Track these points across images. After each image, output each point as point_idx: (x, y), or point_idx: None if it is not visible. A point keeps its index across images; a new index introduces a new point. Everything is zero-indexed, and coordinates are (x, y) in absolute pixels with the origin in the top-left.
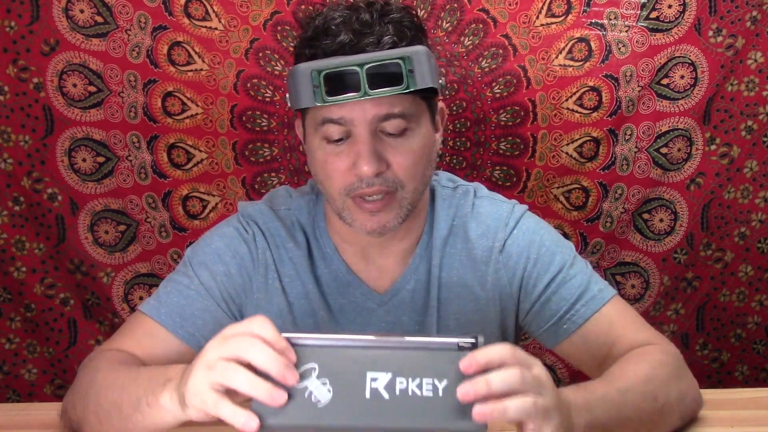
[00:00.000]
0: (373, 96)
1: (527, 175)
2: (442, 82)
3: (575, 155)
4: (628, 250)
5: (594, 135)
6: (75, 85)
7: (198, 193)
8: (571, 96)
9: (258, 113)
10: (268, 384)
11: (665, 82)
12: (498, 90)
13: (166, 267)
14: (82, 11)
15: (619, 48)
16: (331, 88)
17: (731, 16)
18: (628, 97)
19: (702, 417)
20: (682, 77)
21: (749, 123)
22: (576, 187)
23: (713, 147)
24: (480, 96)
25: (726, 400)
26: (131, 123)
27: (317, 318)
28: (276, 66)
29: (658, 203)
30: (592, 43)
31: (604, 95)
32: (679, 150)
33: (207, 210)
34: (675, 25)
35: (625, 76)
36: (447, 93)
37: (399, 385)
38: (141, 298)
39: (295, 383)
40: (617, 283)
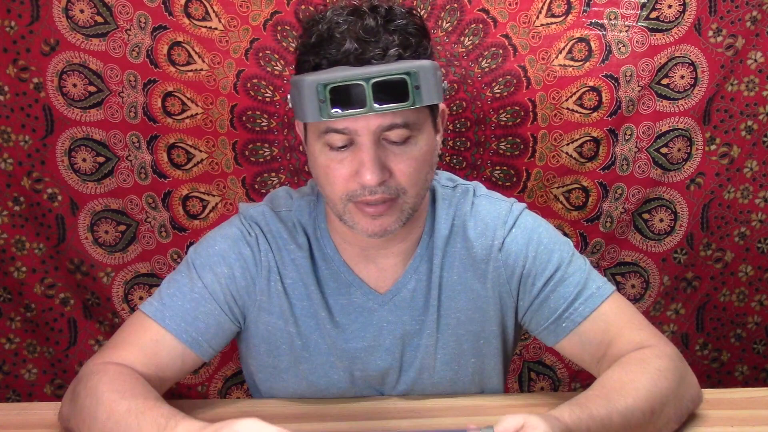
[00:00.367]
0: (378, 112)
1: (527, 175)
2: (445, 85)
3: (575, 155)
4: (628, 250)
5: (594, 135)
6: (75, 85)
7: (198, 193)
8: (571, 96)
9: (258, 113)
10: None
11: (665, 82)
12: (498, 90)
13: (166, 267)
14: (82, 11)
15: (619, 48)
16: (337, 101)
17: (731, 16)
18: (628, 97)
19: (702, 417)
20: (682, 77)
21: (749, 123)
22: (576, 187)
23: (713, 147)
24: (480, 96)
25: (726, 399)
26: (131, 123)
27: (319, 319)
28: (276, 66)
29: (658, 203)
30: (592, 43)
31: (604, 95)
32: (679, 150)
33: (207, 210)
34: (675, 25)
35: (625, 76)
36: (447, 93)
37: None
38: (141, 298)
39: None
40: (617, 284)
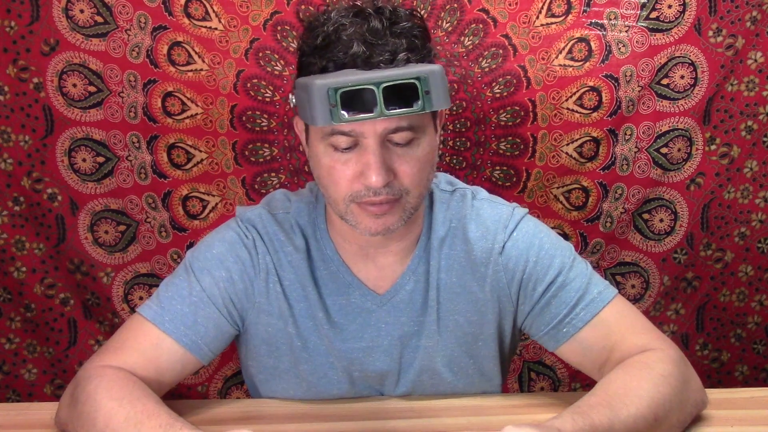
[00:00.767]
0: (390, 116)
1: (527, 175)
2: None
3: (575, 155)
4: (628, 250)
5: (594, 135)
6: (75, 85)
7: (198, 193)
8: (571, 96)
9: (258, 113)
10: None
11: (665, 82)
12: (498, 90)
13: (166, 267)
14: (82, 11)
15: (619, 48)
16: (347, 105)
17: (731, 16)
18: (628, 97)
19: (702, 416)
20: (682, 77)
21: (749, 123)
22: (576, 187)
23: (713, 147)
24: (480, 96)
25: (726, 399)
26: (131, 123)
27: (317, 320)
28: (276, 66)
29: (658, 203)
30: (592, 43)
31: (604, 95)
32: (679, 150)
33: (207, 210)
34: (675, 25)
35: (625, 76)
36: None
37: None
38: (141, 298)
39: None
40: (617, 284)
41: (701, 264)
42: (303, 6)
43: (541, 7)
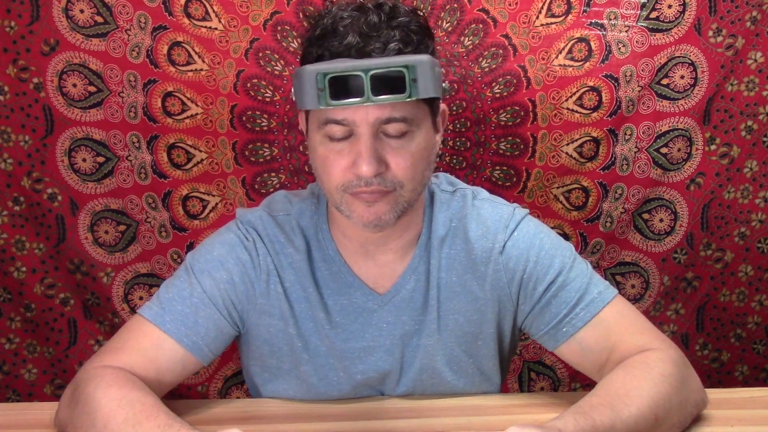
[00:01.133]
0: (376, 102)
1: (527, 175)
2: (446, 86)
3: (575, 155)
4: (628, 250)
5: (594, 135)
6: (75, 85)
7: (198, 193)
8: (571, 96)
9: (258, 113)
10: None
11: (665, 82)
12: (498, 90)
13: (166, 267)
14: (82, 11)
15: (619, 48)
16: (336, 91)
17: (731, 16)
18: (628, 97)
19: (702, 416)
20: (682, 77)
21: (749, 123)
22: (576, 187)
23: (713, 147)
24: (480, 96)
25: (726, 399)
26: (131, 123)
27: (317, 320)
28: (276, 66)
29: (658, 203)
30: (592, 43)
31: (604, 95)
32: (679, 150)
33: (207, 210)
34: (675, 25)
35: (625, 76)
36: (447, 93)
37: None
38: (141, 298)
39: None
40: (617, 284)
41: (701, 264)
42: (303, 6)
43: (541, 7)
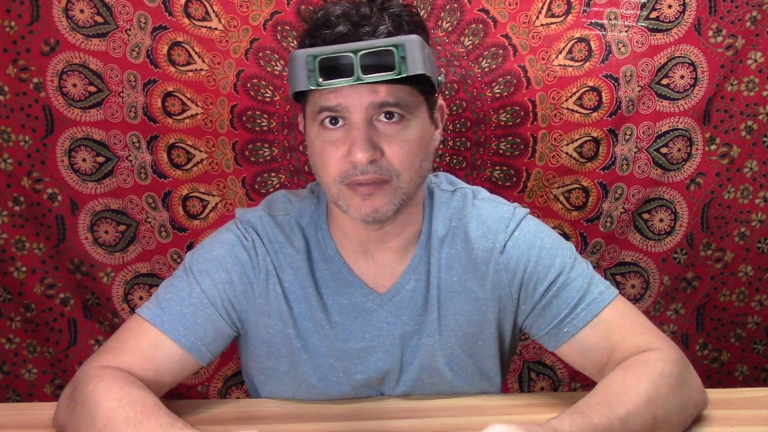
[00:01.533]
0: (366, 81)
1: (527, 175)
2: (441, 78)
3: (575, 155)
4: (628, 250)
5: (594, 135)
6: (75, 85)
7: (198, 193)
8: (571, 96)
9: (258, 113)
10: None
11: (665, 82)
12: (498, 90)
13: (166, 267)
14: (82, 11)
15: (619, 48)
16: (326, 73)
17: (731, 16)
18: (628, 97)
19: (702, 416)
20: (682, 77)
21: (749, 123)
22: (576, 187)
23: (713, 147)
24: (480, 96)
25: (726, 400)
26: (131, 123)
27: (317, 320)
28: (276, 66)
29: (658, 203)
30: (592, 43)
31: (604, 95)
32: (679, 150)
33: (207, 210)
34: (675, 25)
35: (625, 76)
36: (447, 93)
37: None
38: (141, 298)
39: None
40: (617, 284)
41: (701, 264)
42: (303, 6)
43: (541, 7)
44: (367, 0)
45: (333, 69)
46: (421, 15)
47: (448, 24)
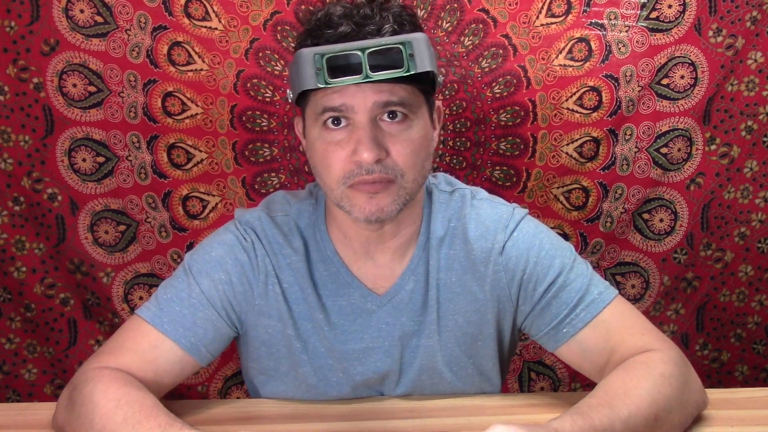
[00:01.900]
0: (375, 78)
1: (527, 175)
2: (440, 79)
3: (575, 155)
4: (628, 250)
5: (594, 135)
6: (75, 85)
7: (198, 193)
8: (571, 96)
9: (258, 113)
10: None
11: (665, 82)
12: (498, 90)
13: (166, 267)
14: (82, 11)
15: (619, 48)
16: (333, 72)
17: (731, 16)
18: (628, 97)
19: (702, 416)
20: (682, 77)
21: (749, 123)
22: (576, 187)
23: (713, 147)
24: (480, 96)
25: (726, 399)
26: (131, 123)
27: (316, 321)
28: (276, 66)
29: (658, 203)
30: (592, 43)
31: (604, 95)
32: (679, 150)
33: (207, 210)
34: (675, 25)
35: (625, 76)
36: (447, 93)
37: None
38: (141, 298)
39: None
40: (617, 284)
41: (701, 264)
42: (303, 6)
43: (541, 7)
44: (367, 1)
45: (340, 68)
46: (419, 15)
47: (448, 24)
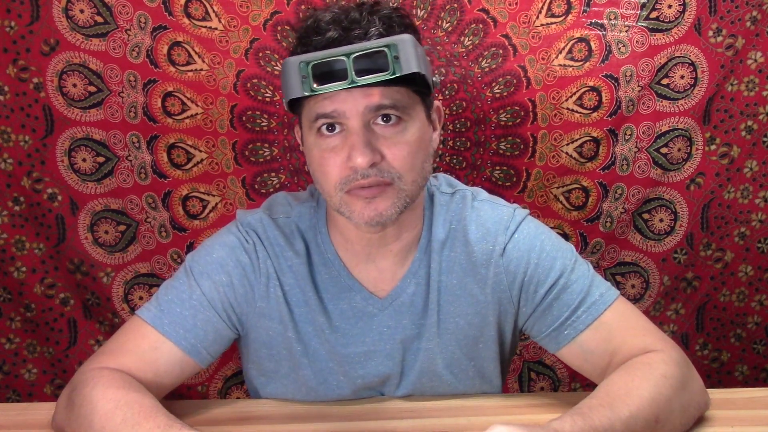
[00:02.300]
0: (360, 83)
1: (527, 175)
2: (436, 79)
3: (575, 155)
4: (628, 250)
5: (594, 135)
6: (75, 85)
7: (198, 193)
8: (571, 96)
9: (258, 113)
10: None
11: (665, 82)
12: (498, 90)
13: (166, 267)
14: (82, 11)
15: (619, 48)
16: (320, 79)
17: (731, 16)
18: (628, 97)
19: (703, 417)
20: (682, 77)
21: (749, 123)
22: (576, 187)
23: (713, 147)
24: (480, 96)
25: (726, 400)
26: (131, 123)
27: (317, 324)
28: (276, 66)
29: (658, 203)
30: (592, 43)
31: (604, 95)
32: (679, 150)
33: (207, 210)
34: (675, 25)
35: (625, 76)
36: (447, 93)
37: None
38: (141, 298)
39: None
40: (617, 284)
41: (701, 264)
42: (303, 6)
43: (541, 7)
44: (357, 6)
45: (327, 74)
46: (412, 16)
47: (448, 24)
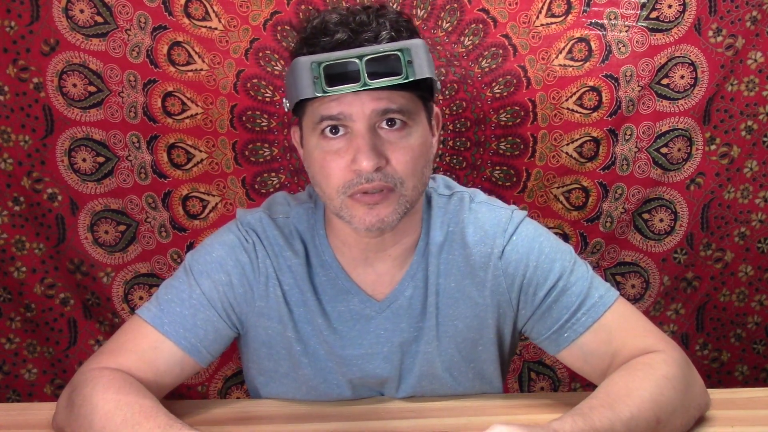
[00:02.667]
0: (373, 86)
1: (527, 175)
2: (438, 85)
3: (575, 155)
4: (628, 250)
5: (594, 135)
6: (75, 85)
7: (198, 193)
8: (571, 96)
9: (258, 113)
10: None
11: (665, 82)
12: (498, 90)
13: (166, 267)
14: (82, 11)
15: (619, 48)
16: (331, 81)
17: (731, 16)
18: (628, 97)
19: (703, 417)
20: (682, 77)
21: (749, 123)
22: (576, 187)
23: (713, 147)
24: (480, 96)
25: (727, 400)
26: (131, 123)
27: (316, 325)
28: (276, 66)
29: (658, 203)
30: (592, 43)
31: (604, 95)
32: (679, 150)
33: (207, 210)
34: (675, 25)
35: (625, 76)
36: (447, 93)
37: None
38: (141, 298)
39: None
40: (617, 284)
41: (701, 264)
42: (303, 6)
43: (541, 7)
44: (363, 8)
45: (338, 76)
46: (419, 15)
47: (448, 24)
